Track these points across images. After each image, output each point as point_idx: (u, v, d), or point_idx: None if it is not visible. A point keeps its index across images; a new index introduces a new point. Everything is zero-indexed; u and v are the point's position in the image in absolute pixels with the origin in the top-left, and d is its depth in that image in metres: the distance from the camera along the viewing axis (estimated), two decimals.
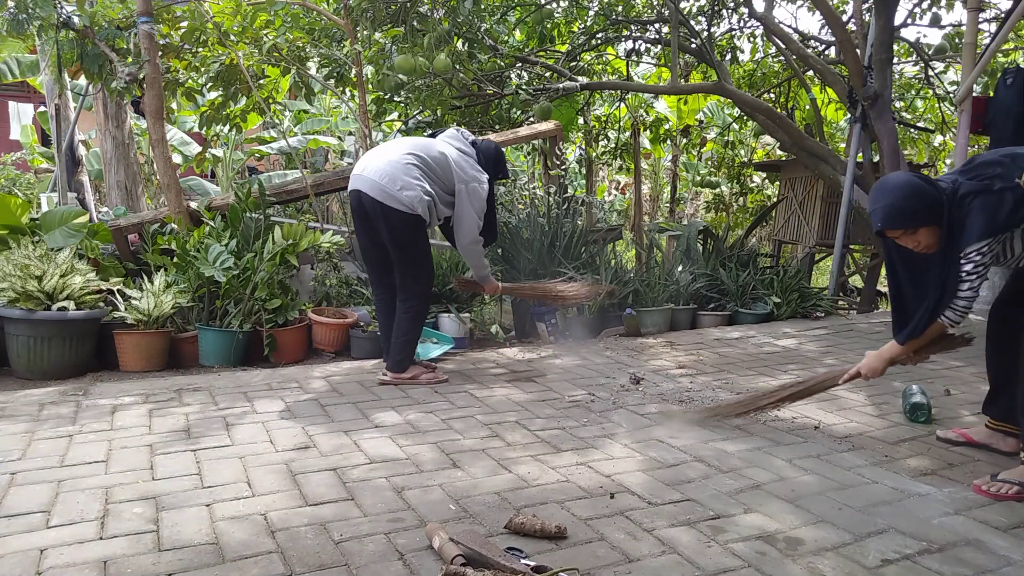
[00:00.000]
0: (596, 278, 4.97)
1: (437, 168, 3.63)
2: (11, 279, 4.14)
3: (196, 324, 4.53)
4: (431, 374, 3.80)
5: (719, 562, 1.98)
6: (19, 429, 2.97)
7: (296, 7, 5.61)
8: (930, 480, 2.55)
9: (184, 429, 3.01)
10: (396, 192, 3.49)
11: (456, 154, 3.71)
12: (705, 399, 3.50)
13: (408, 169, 3.54)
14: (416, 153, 3.60)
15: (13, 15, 4.91)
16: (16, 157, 10.89)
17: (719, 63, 6.68)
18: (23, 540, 2.05)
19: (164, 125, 5.47)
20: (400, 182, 3.50)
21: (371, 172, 3.55)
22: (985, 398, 2.87)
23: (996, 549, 2.07)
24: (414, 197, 3.50)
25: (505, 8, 6.92)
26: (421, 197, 3.52)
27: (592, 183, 10.47)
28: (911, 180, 2.50)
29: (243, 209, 4.87)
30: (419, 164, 3.58)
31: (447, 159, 3.66)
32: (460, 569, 1.82)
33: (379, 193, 3.50)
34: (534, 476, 2.55)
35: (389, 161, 3.55)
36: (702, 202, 13.32)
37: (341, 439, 2.91)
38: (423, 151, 3.62)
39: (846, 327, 5.33)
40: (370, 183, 3.53)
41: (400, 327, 3.72)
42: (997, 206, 2.34)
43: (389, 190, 3.49)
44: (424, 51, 5.11)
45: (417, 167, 3.57)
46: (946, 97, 7.95)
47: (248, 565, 1.93)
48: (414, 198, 3.50)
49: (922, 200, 2.43)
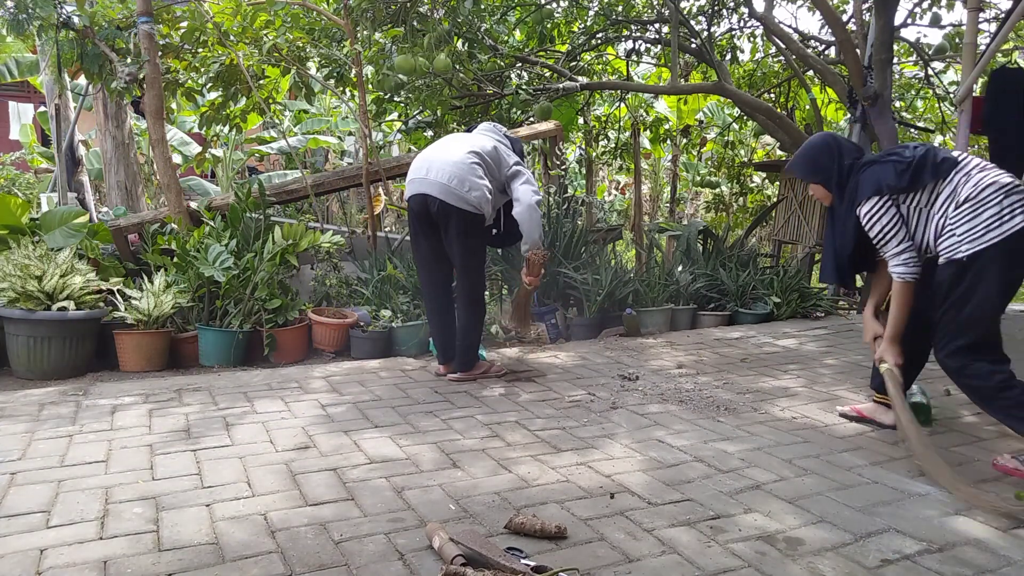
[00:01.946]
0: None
1: (492, 164, 3.70)
2: (11, 279, 4.14)
3: (196, 324, 4.53)
4: (496, 367, 3.94)
5: (719, 562, 1.98)
6: (19, 429, 2.97)
7: (296, 7, 5.61)
8: (930, 480, 2.55)
9: (184, 429, 3.01)
10: (465, 193, 3.55)
11: (502, 145, 3.81)
12: (706, 399, 3.50)
13: (473, 169, 3.59)
14: (476, 151, 3.66)
15: (13, 15, 4.91)
16: (16, 157, 10.89)
17: (719, 63, 6.68)
18: (23, 540, 2.05)
19: (164, 125, 5.47)
20: (468, 183, 3.55)
21: (437, 175, 3.57)
22: (871, 373, 3.12)
23: (996, 549, 2.07)
24: (480, 197, 3.58)
25: (505, 8, 6.92)
26: (486, 196, 3.61)
27: (592, 183, 10.47)
28: (819, 141, 2.97)
29: (243, 209, 4.87)
30: (480, 163, 3.64)
31: (499, 153, 3.74)
32: (460, 569, 1.82)
33: (448, 195, 3.55)
34: (534, 476, 2.55)
35: (454, 163, 3.58)
36: (702, 202, 13.32)
37: (341, 439, 2.91)
38: (480, 148, 3.69)
39: (846, 327, 5.33)
40: (439, 186, 3.55)
41: (464, 329, 3.81)
42: (880, 173, 2.73)
43: (458, 192, 3.54)
44: (424, 51, 5.10)
45: (480, 166, 3.63)
46: (946, 97, 7.95)
47: (248, 565, 1.93)
48: (481, 198, 3.58)
49: (816, 160, 2.92)
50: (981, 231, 2.55)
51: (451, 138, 3.87)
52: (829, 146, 2.91)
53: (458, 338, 3.85)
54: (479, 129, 3.93)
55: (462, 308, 3.82)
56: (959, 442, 2.94)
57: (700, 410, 3.33)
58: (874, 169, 2.76)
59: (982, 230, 2.55)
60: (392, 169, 5.73)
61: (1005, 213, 2.53)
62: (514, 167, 3.76)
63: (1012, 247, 2.53)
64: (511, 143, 3.92)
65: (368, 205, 5.97)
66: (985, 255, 2.54)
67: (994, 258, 2.53)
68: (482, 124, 4.00)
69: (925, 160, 2.67)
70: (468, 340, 3.83)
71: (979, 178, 2.61)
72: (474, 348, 3.87)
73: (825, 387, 3.76)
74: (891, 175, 2.69)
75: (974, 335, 2.60)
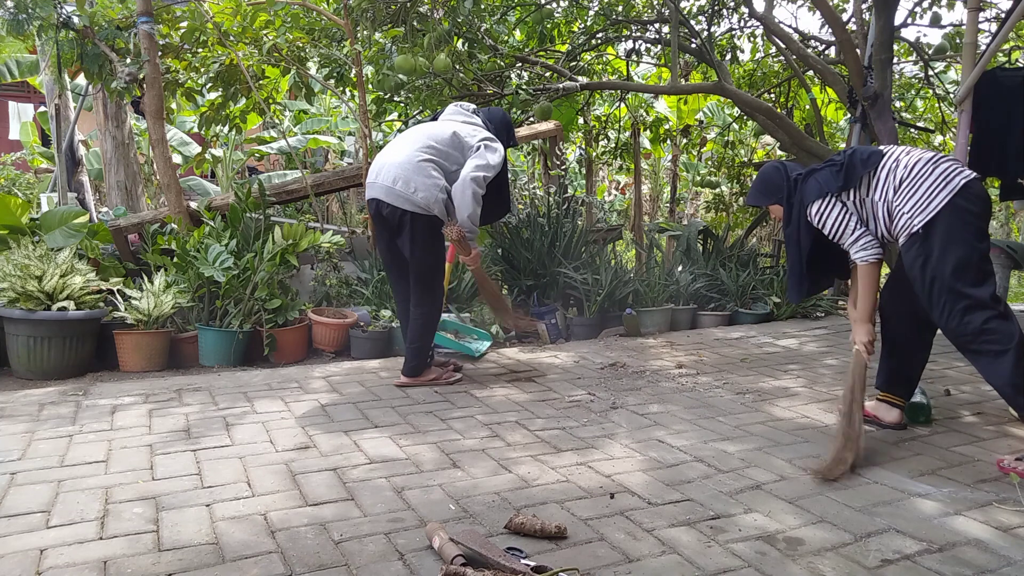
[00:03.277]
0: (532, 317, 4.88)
1: (452, 151, 3.54)
2: (11, 279, 4.14)
3: (196, 324, 4.53)
4: (448, 373, 3.83)
5: (719, 562, 1.98)
6: (19, 429, 2.97)
7: (296, 7, 5.61)
8: (930, 480, 2.55)
9: (184, 429, 3.01)
10: (411, 195, 3.43)
11: (462, 127, 3.62)
12: (706, 399, 3.50)
13: (421, 168, 3.46)
14: (428, 146, 3.51)
15: (13, 15, 4.91)
16: (16, 157, 10.89)
17: (719, 63, 6.67)
18: (23, 540, 2.05)
19: (164, 125, 5.47)
20: (413, 184, 3.43)
21: (384, 178, 3.48)
22: (877, 372, 3.17)
23: (996, 549, 2.06)
24: (428, 197, 3.44)
25: (505, 8, 6.91)
26: (436, 196, 3.46)
27: (592, 183, 10.47)
28: (768, 167, 3.17)
29: (243, 209, 4.87)
30: (432, 158, 3.49)
31: (458, 137, 3.56)
32: (460, 569, 1.82)
33: (394, 198, 3.45)
34: (534, 476, 2.55)
35: (400, 164, 3.47)
36: (702, 202, 13.31)
37: (341, 439, 2.91)
38: (434, 140, 3.53)
39: (846, 327, 5.33)
40: (385, 189, 3.47)
41: (412, 333, 3.69)
42: (820, 178, 2.93)
43: (404, 194, 3.43)
44: (424, 51, 5.10)
45: (430, 162, 3.48)
46: (946, 97, 7.94)
47: (248, 565, 1.93)
48: (428, 198, 3.44)
49: (767, 183, 3.10)
50: (926, 201, 2.72)
51: (408, 133, 3.69)
52: (777, 169, 3.12)
53: (407, 341, 3.72)
54: (444, 114, 3.77)
55: (413, 310, 3.67)
56: (959, 442, 2.94)
57: (700, 410, 3.33)
58: (814, 176, 2.96)
59: (926, 199, 2.72)
60: None
61: (942, 179, 2.72)
62: (478, 144, 3.54)
63: (960, 204, 2.69)
64: (486, 118, 3.73)
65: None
66: (939, 219, 2.69)
67: (948, 219, 2.69)
68: (448, 107, 3.82)
69: (854, 159, 2.89)
70: (416, 344, 3.69)
71: (907, 160, 2.81)
72: (422, 353, 3.71)
73: (825, 387, 3.76)
74: (829, 178, 2.91)
75: (971, 290, 2.66)
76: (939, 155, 2.81)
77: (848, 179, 2.87)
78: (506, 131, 3.74)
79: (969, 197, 2.70)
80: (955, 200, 2.69)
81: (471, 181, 3.46)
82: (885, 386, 3.10)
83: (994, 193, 5.16)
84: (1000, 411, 3.32)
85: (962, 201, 2.69)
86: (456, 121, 3.67)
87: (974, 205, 2.70)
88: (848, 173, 2.88)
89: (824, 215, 2.89)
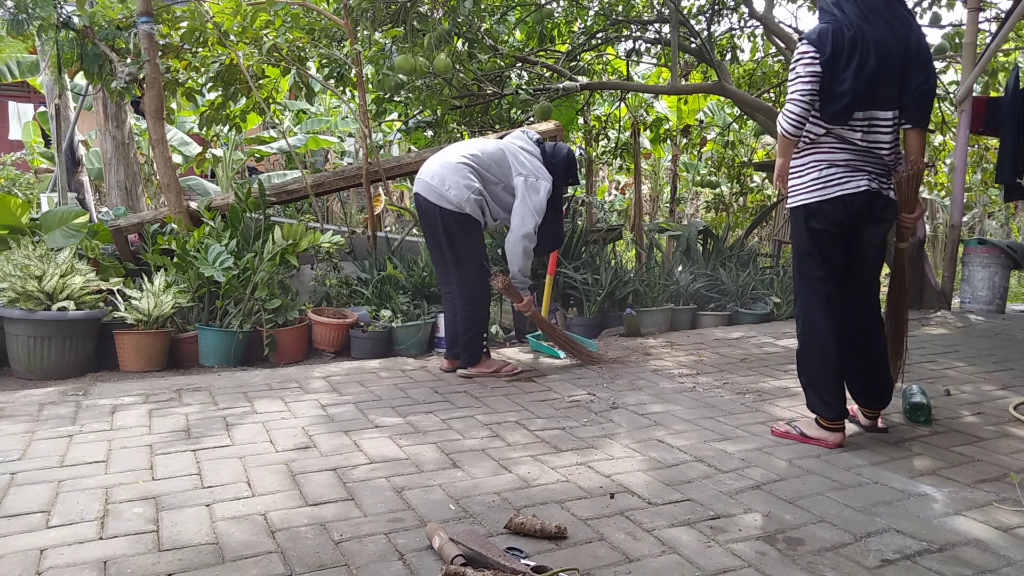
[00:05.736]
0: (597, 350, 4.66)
1: (492, 163, 3.79)
2: (11, 279, 4.14)
3: (196, 324, 4.53)
4: (509, 367, 3.94)
5: (719, 562, 1.98)
6: (19, 429, 2.97)
7: (296, 7, 5.61)
8: (930, 480, 2.55)
9: (184, 429, 3.01)
10: (445, 192, 3.69)
11: (516, 149, 3.87)
12: (706, 399, 3.50)
13: (458, 169, 3.72)
14: (472, 154, 3.78)
15: (13, 15, 4.91)
16: (16, 157, 10.89)
17: (719, 63, 6.67)
18: (23, 540, 2.05)
19: (164, 125, 5.47)
20: (449, 182, 3.69)
21: (426, 174, 3.78)
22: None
23: (996, 549, 2.06)
24: (460, 196, 3.68)
25: (505, 8, 6.91)
26: (469, 196, 3.69)
27: (592, 183, 10.48)
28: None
29: (243, 209, 4.87)
30: (470, 163, 3.76)
31: (503, 152, 3.82)
32: (460, 569, 1.82)
33: (430, 193, 3.73)
34: (534, 476, 2.55)
35: (442, 164, 3.76)
36: (702, 202, 13.32)
37: (341, 439, 2.91)
38: (480, 150, 3.81)
39: None
40: (424, 185, 3.77)
41: (461, 326, 3.88)
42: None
43: (439, 190, 3.71)
44: (424, 51, 5.11)
45: (468, 166, 3.75)
46: (946, 97, 7.94)
47: (248, 565, 1.93)
48: (460, 197, 3.68)
49: None
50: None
51: (462, 142, 4.03)
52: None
53: (459, 334, 3.92)
54: (509, 135, 4.04)
55: (459, 304, 3.89)
56: (959, 442, 2.94)
57: (700, 410, 3.33)
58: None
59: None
60: (392, 169, 5.73)
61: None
62: (518, 179, 3.80)
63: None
64: (552, 151, 3.92)
65: (368, 205, 5.97)
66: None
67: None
68: (514, 131, 4.10)
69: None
70: (466, 336, 3.88)
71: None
72: (473, 343, 3.89)
73: None
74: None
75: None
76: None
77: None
78: (565, 168, 3.94)
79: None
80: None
81: (522, 238, 3.78)
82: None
83: (995, 194, 5.17)
84: (1000, 411, 3.32)
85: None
86: (513, 143, 3.92)
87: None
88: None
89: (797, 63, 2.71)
